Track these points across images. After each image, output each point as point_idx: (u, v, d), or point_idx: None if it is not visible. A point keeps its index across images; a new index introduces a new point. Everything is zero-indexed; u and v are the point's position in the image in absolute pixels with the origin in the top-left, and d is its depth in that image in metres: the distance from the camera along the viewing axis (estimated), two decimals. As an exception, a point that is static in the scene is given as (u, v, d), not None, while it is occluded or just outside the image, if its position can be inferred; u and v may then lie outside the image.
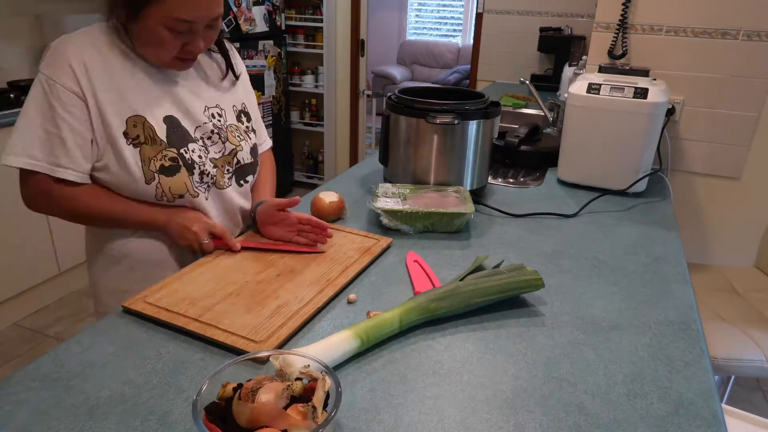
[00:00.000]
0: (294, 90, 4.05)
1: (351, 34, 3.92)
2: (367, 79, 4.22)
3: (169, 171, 1.01)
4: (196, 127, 1.06)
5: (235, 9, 3.21)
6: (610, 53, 1.72)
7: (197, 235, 1.03)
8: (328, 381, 0.60)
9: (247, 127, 1.17)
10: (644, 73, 1.50)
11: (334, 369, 0.74)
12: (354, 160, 4.22)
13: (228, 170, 1.11)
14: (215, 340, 0.79)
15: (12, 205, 2.30)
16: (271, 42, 3.58)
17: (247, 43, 3.37)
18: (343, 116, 4.15)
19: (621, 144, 1.45)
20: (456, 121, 1.25)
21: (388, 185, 1.31)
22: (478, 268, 0.99)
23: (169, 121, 1.03)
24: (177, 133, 1.03)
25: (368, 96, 4.19)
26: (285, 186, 4.09)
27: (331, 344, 0.75)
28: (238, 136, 1.13)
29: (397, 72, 6.41)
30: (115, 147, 0.98)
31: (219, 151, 1.09)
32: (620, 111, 1.43)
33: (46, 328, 2.45)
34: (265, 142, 1.29)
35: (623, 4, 1.64)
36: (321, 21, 3.80)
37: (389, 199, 1.22)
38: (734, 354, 1.43)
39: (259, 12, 3.41)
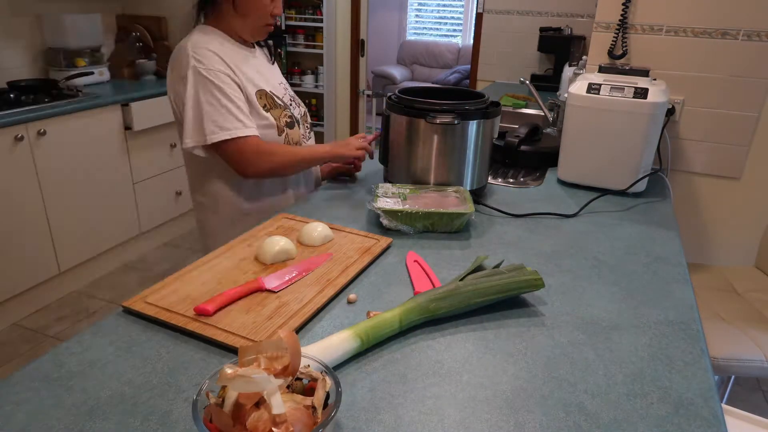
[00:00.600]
0: (294, 90, 4.05)
1: (351, 34, 3.92)
2: (367, 79, 4.21)
3: (291, 125, 1.38)
4: (282, 96, 1.40)
5: (235, 9, 3.20)
6: (610, 53, 1.72)
7: (353, 144, 1.41)
8: (328, 381, 0.60)
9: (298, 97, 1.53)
10: (644, 73, 1.50)
11: (334, 369, 0.74)
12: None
13: (307, 126, 1.48)
14: (215, 340, 0.79)
15: (12, 205, 2.30)
16: (271, 42, 3.58)
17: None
18: (343, 116, 4.15)
19: (621, 144, 1.45)
20: (456, 121, 1.25)
21: (388, 185, 1.31)
22: (478, 268, 0.98)
23: (273, 92, 1.37)
24: (281, 100, 1.38)
25: (368, 96, 4.19)
26: (285, 186, 4.08)
27: (331, 344, 0.75)
28: (300, 102, 1.51)
29: (397, 72, 6.41)
30: (257, 112, 1.30)
31: (299, 113, 1.44)
32: (620, 111, 1.43)
33: (46, 328, 2.45)
34: None
35: (623, 4, 1.64)
36: (321, 21, 3.80)
37: (389, 199, 1.22)
38: (734, 354, 1.43)
39: (259, 12, 3.41)
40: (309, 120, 1.51)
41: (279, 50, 3.69)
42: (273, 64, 1.49)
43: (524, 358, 0.80)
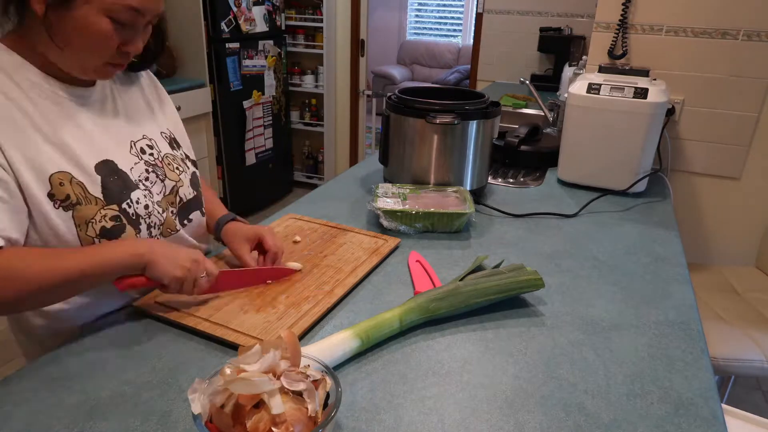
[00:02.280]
0: (294, 90, 4.05)
1: (351, 34, 3.92)
2: (367, 79, 4.22)
3: (114, 232, 0.82)
4: (130, 169, 0.87)
5: (235, 9, 3.21)
6: (610, 53, 1.72)
7: (196, 268, 0.82)
8: (329, 381, 0.60)
9: (182, 155, 0.99)
10: (644, 73, 1.50)
11: (334, 369, 0.74)
12: (354, 160, 4.22)
13: (172, 212, 0.93)
14: (225, 340, 0.79)
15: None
16: (271, 42, 3.58)
17: (247, 43, 3.37)
18: (343, 116, 4.15)
19: (621, 144, 1.45)
20: (456, 121, 1.25)
21: (389, 185, 1.31)
22: (478, 268, 0.99)
23: (105, 167, 0.83)
24: (115, 183, 0.84)
25: (368, 96, 4.19)
26: (285, 186, 4.09)
27: (331, 344, 0.75)
28: (177, 168, 0.95)
29: (397, 72, 6.41)
30: (39, 212, 0.77)
31: (160, 192, 0.91)
32: (620, 111, 1.43)
33: (46, 328, 2.45)
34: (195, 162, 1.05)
35: (623, 4, 1.64)
36: (321, 21, 3.80)
37: (389, 199, 1.22)
38: (734, 354, 1.43)
39: (259, 12, 3.41)
40: (187, 197, 0.96)
41: (279, 51, 3.69)
42: (158, 101, 0.99)
43: (524, 358, 0.80)
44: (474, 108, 1.29)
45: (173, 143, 0.98)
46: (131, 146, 0.90)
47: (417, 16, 6.96)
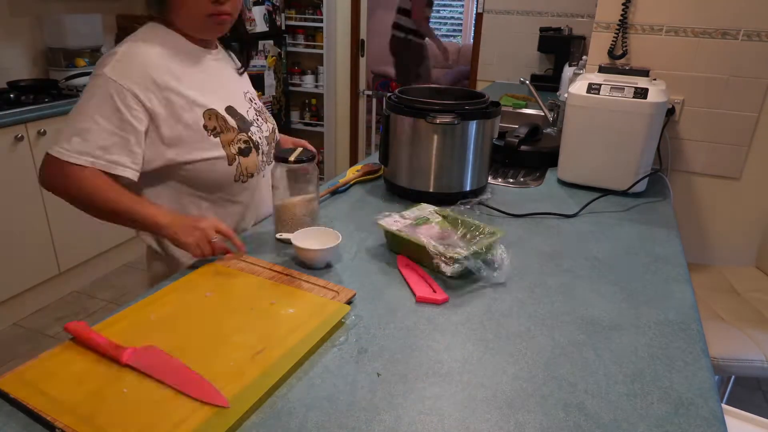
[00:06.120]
0: (294, 90, 4.05)
1: (351, 34, 3.92)
2: (367, 79, 4.22)
3: (245, 152, 1.13)
4: (247, 110, 1.18)
5: (235, 9, 3.21)
6: (610, 53, 1.72)
7: (205, 232, 1.00)
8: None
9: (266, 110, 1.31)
10: (644, 73, 1.50)
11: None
12: (354, 160, 4.22)
13: (273, 146, 1.25)
14: None
15: (12, 205, 2.30)
16: (271, 42, 3.58)
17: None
18: (343, 116, 4.15)
19: (621, 144, 1.45)
20: (456, 121, 1.25)
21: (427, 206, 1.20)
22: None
23: (230, 110, 1.14)
24: (239, 119, 1.14)
25: (368, 96, 4.19)
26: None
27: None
28: (269, 117, 1.29)
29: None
30: (202, 140, 1.07)
31: (266, 130, 1.22)
32: (620, 111, 1.43)
33: (46, 328, 2.45)
34: None
35: (623, 4, 1.64)
36: (321, 21, 3.80)
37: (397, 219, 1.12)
38: (734, 354, 1.43)
39: (259, 12, 3.41)
40: (277, 136, 1.30)
41: (279, 51, 3.69)
42: (242, 74, 1.26)
43: (524, 358, 0.80)
44: (474, 108, 1.29)
45: (259, 101, 1.29)
46: (244, 95, 1.21)
47: (417, 16, 6.95)
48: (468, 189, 1.36)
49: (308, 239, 1.04)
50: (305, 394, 0.71)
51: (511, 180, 1.58)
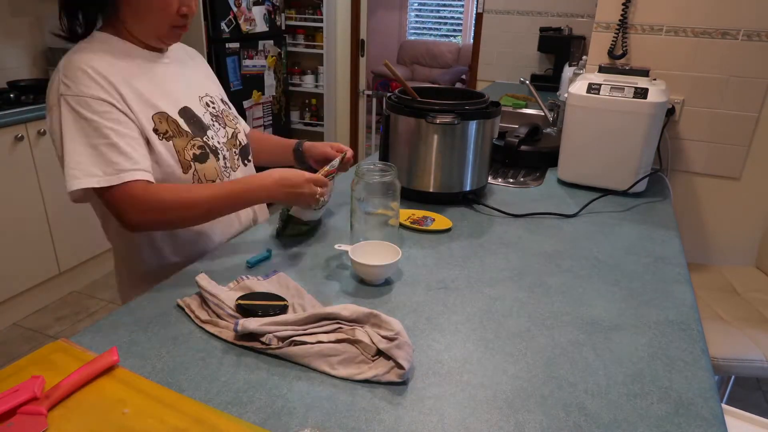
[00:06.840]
0: (294, 90, 4.05)
1: (351, 34, 3.93)
2: (367, 79, 4.22)
3: (201, 158, 1.07)
4: (203, 114, 1.12)
5: (235, 9, 3.21)
6: (610, 53, 1.72)
7: (311, 189, 1.04)
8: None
9: (234, 112, 1.25)
10: (644, 73, 1.50)
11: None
12: (354, 159, 4.22)
13: (235, 152, 1.18)
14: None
15: (12, 205, 2.30)
16: (271, 42, 3.58)
17: (247, 43, 3.37)
18: (343, 116, 4.15)
19: (621, 144, 1.45)
20: (456, 121, 1.25)
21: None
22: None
23: (184, 112, 1.08)
24: (194, 123, 1.09)
25: (368, 96, 4.19)
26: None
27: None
28: (233, 119, 1.22)
29: (397, 72, 6.39)
30: (149, 144, 1.01)
31: (224, 135, 1.16)
32: (620, 111, 1.43)
33: (46, 328, 2.45)
34: (246, 127, 1.33)
35: (623, 4, 1.64)
36: (321, 21, 3.80)
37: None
38: (734, 354, 1.43)
39: (259, 12, 3.41)
40: (243, 142, 1.21)
41: (279, 51, 3.69)
42: (204, 71, 1.24)
43: (524, 358, 0.80)
44: (474, 108, 1.29)
45: (225, 103, 1.23)
46: (199, 100, 1.14)
47: (417, 16, 6.96)
48: (468, 189, 1.36)
49: (366, 253, 1.00)
50: (305, 394, 0.71)
51: (511, 180, 1.58)
